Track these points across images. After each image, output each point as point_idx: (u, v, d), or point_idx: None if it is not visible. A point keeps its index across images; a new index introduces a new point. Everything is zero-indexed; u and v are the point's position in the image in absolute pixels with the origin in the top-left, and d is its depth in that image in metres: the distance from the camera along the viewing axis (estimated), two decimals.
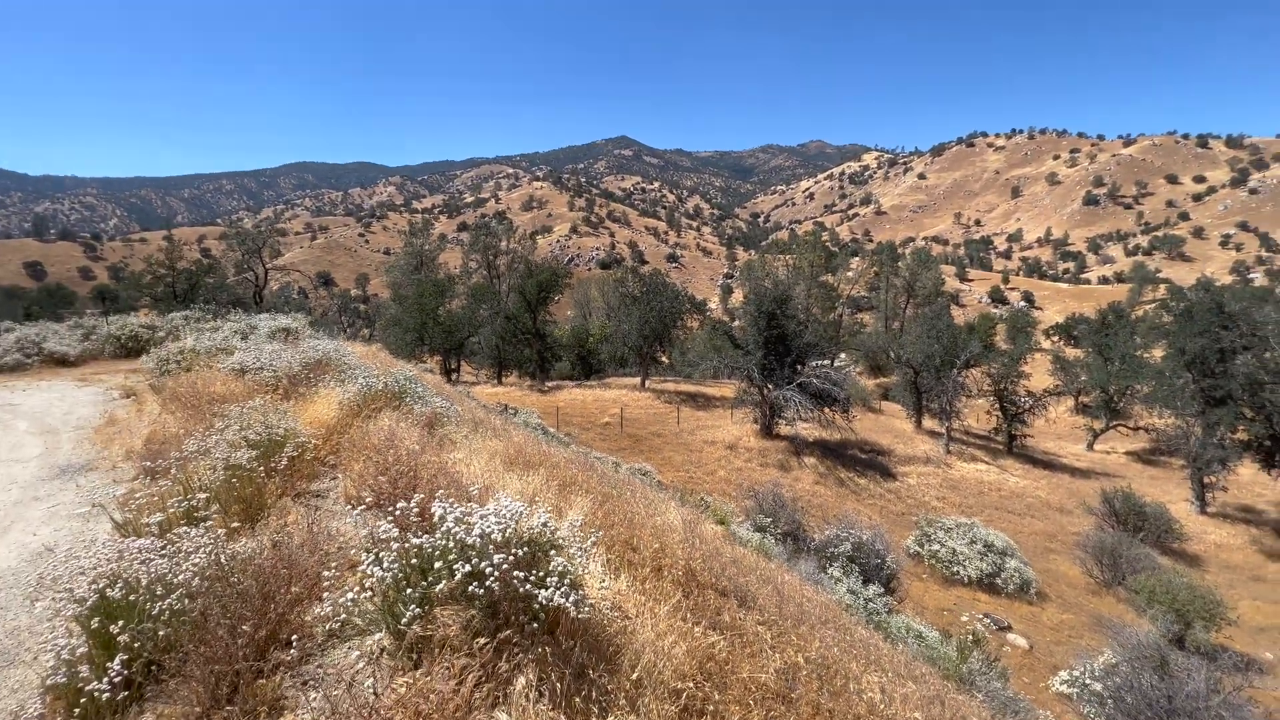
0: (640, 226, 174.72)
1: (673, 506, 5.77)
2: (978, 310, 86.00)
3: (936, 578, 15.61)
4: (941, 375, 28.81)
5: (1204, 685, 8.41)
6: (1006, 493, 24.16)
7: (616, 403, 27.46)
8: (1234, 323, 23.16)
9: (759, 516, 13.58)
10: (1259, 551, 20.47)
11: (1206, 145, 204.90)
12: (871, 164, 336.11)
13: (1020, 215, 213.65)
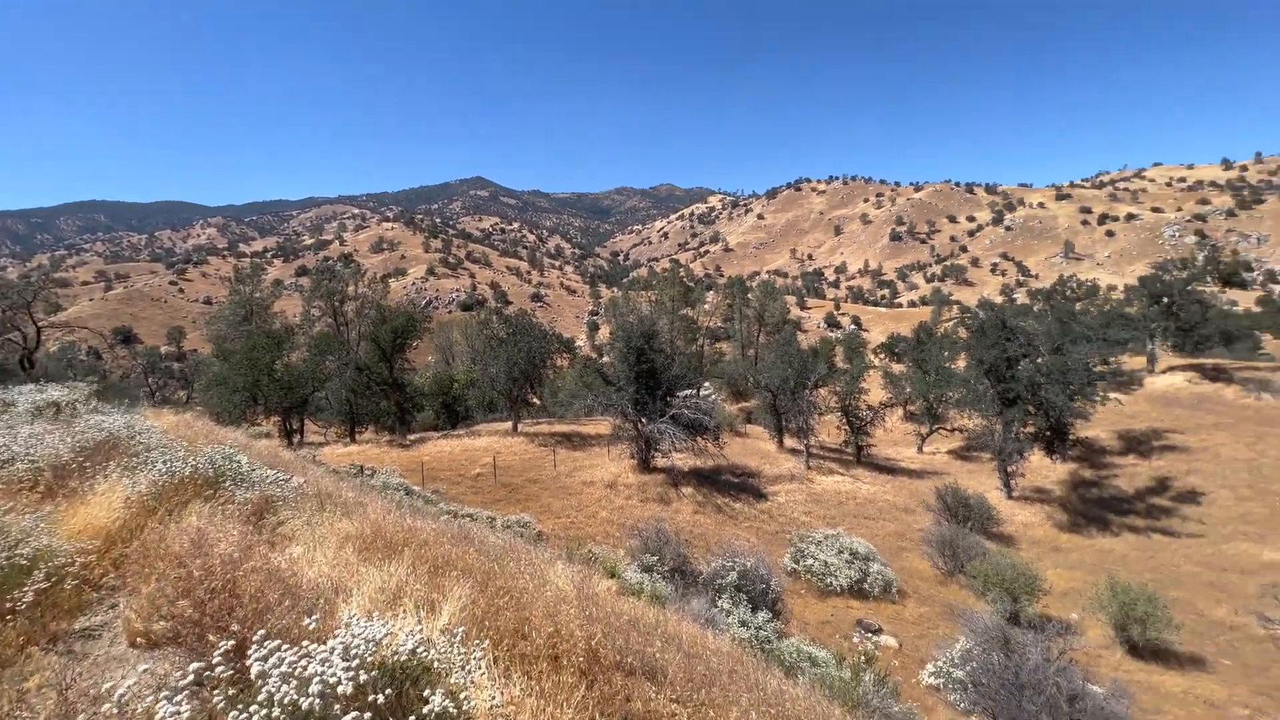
0: (502, 267, 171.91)
1: (560, 568, 5.28)
2: (818, 335, 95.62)
3: (813, 591, 16.40)
4: (796, 396, 31.16)
5: (1040, 657, 9.53)
6: (861, 500, 26.43)
7: (488, 451, 26.00)
8: (1015, 335, 27.90)
9: (645, 556, 13.34)
10: (1054, 526, 24.32)
11: (972, 191, 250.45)
12: (716, 205, 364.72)
13: (843, 250, 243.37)
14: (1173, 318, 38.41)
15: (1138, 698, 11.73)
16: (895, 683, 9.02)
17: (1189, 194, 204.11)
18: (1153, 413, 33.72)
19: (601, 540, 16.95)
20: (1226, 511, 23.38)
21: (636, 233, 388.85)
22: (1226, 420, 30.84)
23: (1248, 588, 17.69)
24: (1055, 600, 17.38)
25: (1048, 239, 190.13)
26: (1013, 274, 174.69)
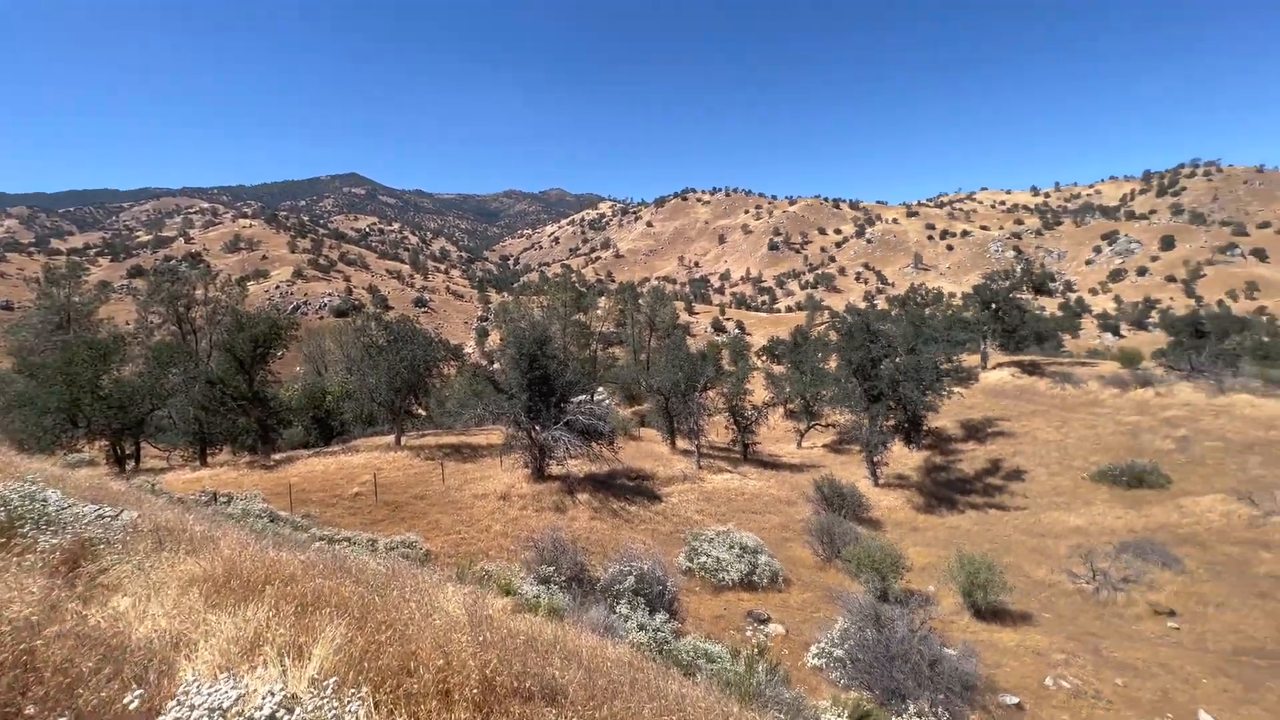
0: (381, 269, 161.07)
1: (451, 590, 4.98)
2: (705, 339, 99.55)
3: (707, 587, 16.93)
4: (687, 398, 32.16)
5: (906, 629, 10.52)
6: (748, 496, 27.78)
7: (367, 468, 24.13)
8: (877, 338, 30.82)
9: (541, 568, 13.03)
10: (912, 508, 27.10)
11: (838, 206, 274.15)
12: (607, 212, 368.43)
13: (727, 258, 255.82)
14: (999, 321, 44.55)
15: (983, 655, 13.35)
16: (785, 670, 9.55)
17: (1007, 215, 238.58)
18: (986, 403, 38.75)
19: (495, 555, 16.34)
20: (1042, 486, 27.41)
21: (527, 237, 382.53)
22: (1041, 408, 36.22)
23: (1060, 550, 20.84)
24: (916, 575, 19.34)
25: (901, 251, 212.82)
26: (873, 282, 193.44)
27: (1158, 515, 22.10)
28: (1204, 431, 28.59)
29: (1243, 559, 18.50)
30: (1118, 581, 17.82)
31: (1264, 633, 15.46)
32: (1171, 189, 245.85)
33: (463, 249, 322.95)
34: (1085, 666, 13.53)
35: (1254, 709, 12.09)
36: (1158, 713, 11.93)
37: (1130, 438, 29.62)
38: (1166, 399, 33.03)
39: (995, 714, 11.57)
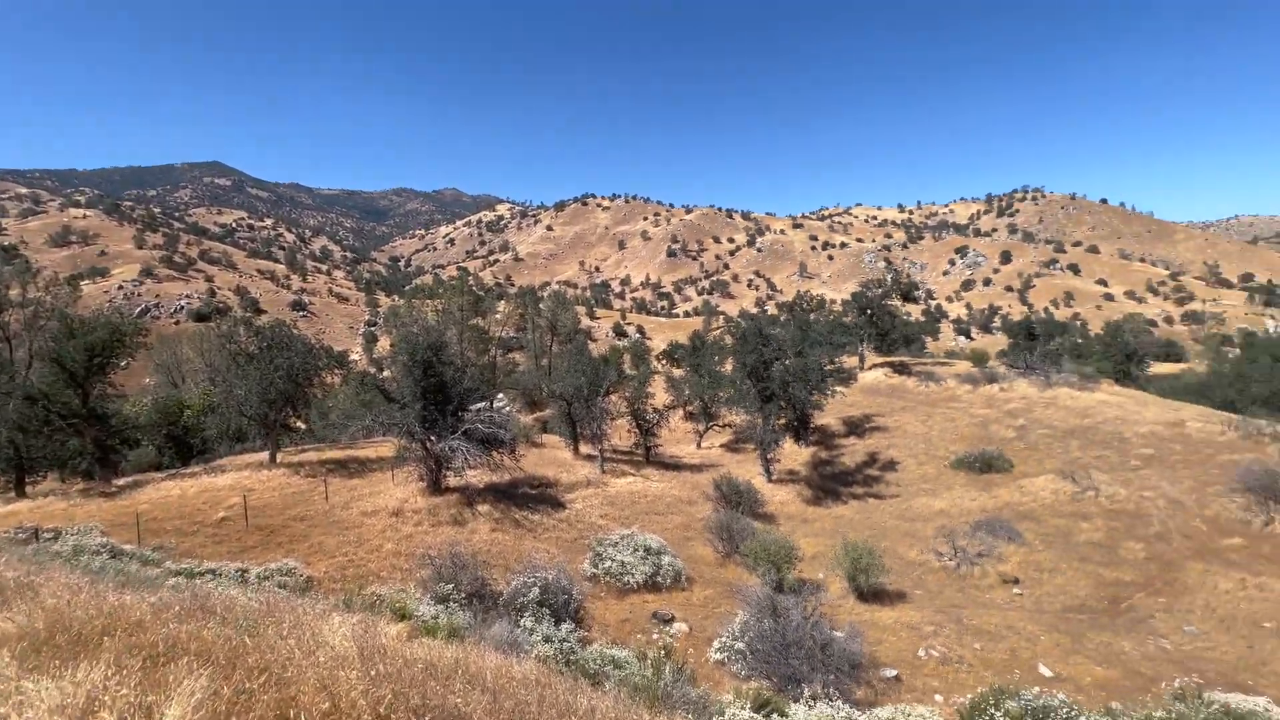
0: (251, 269, 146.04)
1: (337, 620, 4.57)
2: (607, 343, 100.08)
3: (612, 591, 16.94)
4: (590, 403, 32.09)
5: (800, 617, 11.16)
6: (651, 498, 28.20)
7: (236, 489, 21.70)
8: (769, 341, 32.57)
9: (440, 586, 12.37)
10: (803, 501, 28.86)
11: (731, 217, 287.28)
12: (506, 214, 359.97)
13: (627, 263, 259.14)
14: (874, 326, 48.80)
15: (866, 634, 14.46)
16: (690, 668, 9.77)
17: (879, 229, 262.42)
18: (864, 401, 42.22)
19: (388, 576, 15.30)
20: (912, 474, 30.30)
21: (420, 237, 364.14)
22: (910, 404, 40.06)
23: (928, 531, 23.13)
24: (807, 564, 20.59)
25: (788, 260, 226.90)
26: (764, 289, 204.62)
27: (1003, 495, 25.19)
28: (1037, 420, 33.03)
29: (1068, 529, 21.56)
30: (974, 557, 20.07)
31: (1085, 591, 18.10)
32: (1008, 211, 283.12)
33: (347, 249, 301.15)
34: (950, 636, 15.08)
35: (1078, 658, 14.09)
36: (1008, 670, 13.55)
37: (981, 428, 33.54)
38: (1008, 393, 37.81)
39: (878, 687, 12.57)
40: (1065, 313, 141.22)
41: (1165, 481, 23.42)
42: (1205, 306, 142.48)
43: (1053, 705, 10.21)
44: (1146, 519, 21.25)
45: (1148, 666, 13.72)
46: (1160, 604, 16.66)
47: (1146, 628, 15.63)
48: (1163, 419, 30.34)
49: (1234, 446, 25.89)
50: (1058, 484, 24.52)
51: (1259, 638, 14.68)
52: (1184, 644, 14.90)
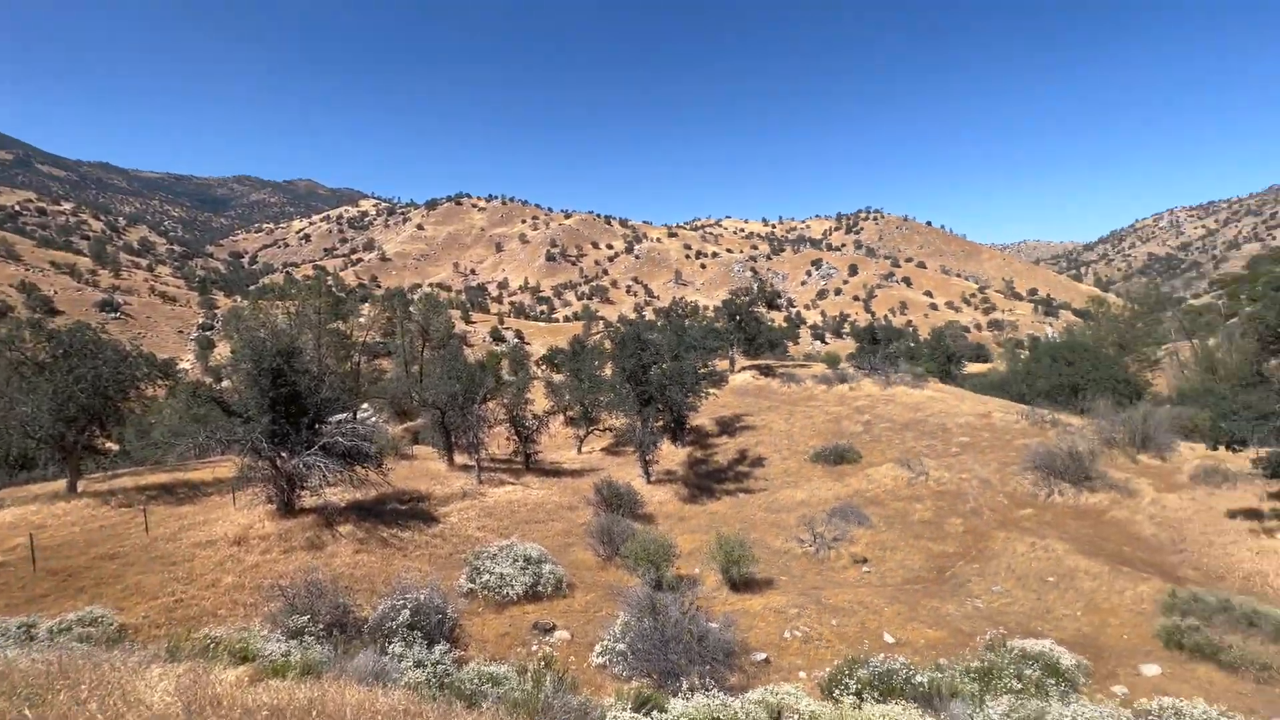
0: (42, 262, 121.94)
1: (157, 672, 3.97)
2: (484, 348, 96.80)
3: (491, 605, 16.36)
4: (465, 411, 30.80)
5: (678, 613, 11.55)
6: (531, 505, 27.67)
7: (18, 527, 17.96)
8: (647, 346, 33.43)
9: (292, 619, 11.14)
10: (680, 500, 29.91)
11: (610, 223, 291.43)
12: (371, 210, 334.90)
13: (505, 266, 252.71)
14: (742, 331, 52.04)
15: (739, 622, 15.33)
16: (572, 676, 9.71)
17: (746, 241, 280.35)
18: (734, 402, 44.80)
19: (228, 614, 13.51)
20: (777, 469, 32.66)
21: (268, 232, 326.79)
22: (774, 403, 43.19)
23: (791, 521, 25.05)
24: (685, 561, 21.37)
25: (664, 267, 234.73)
26: (642, 295, 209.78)
27: (854, 484, 28.01)
28: (880, 416, 37.17)
29: (905, 511, 24.48)
30: (830, 541, 22.08)
31: (919, 564, 20.64)
32: (854, 229, 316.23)
33: (176, 241, 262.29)
34: (811, 616, 16.44)
35: (915, 623, 16.04)
36: (859, 641, 15.06)
37: (835, 424, 37.04)
38: (856, 392, 42.15)
39: (749, 671, 13.36)
40: (901, 320, 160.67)
41: (977, 464, 27.43)
42: (1003, 315, 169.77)
43: (895, 668, 11.53)
44: (964, 497, 24.74)
45: (967, 624, 15.96)
46: (975, 569, 19.46)
47: (965, 591, 18.18)
48: (975, 411, 35.52)
49: (1026, 432, 31.01)
50: (897, 471, 27.73)
51: (1044, 590, 17.70)
52: (993, 601, 17.54)
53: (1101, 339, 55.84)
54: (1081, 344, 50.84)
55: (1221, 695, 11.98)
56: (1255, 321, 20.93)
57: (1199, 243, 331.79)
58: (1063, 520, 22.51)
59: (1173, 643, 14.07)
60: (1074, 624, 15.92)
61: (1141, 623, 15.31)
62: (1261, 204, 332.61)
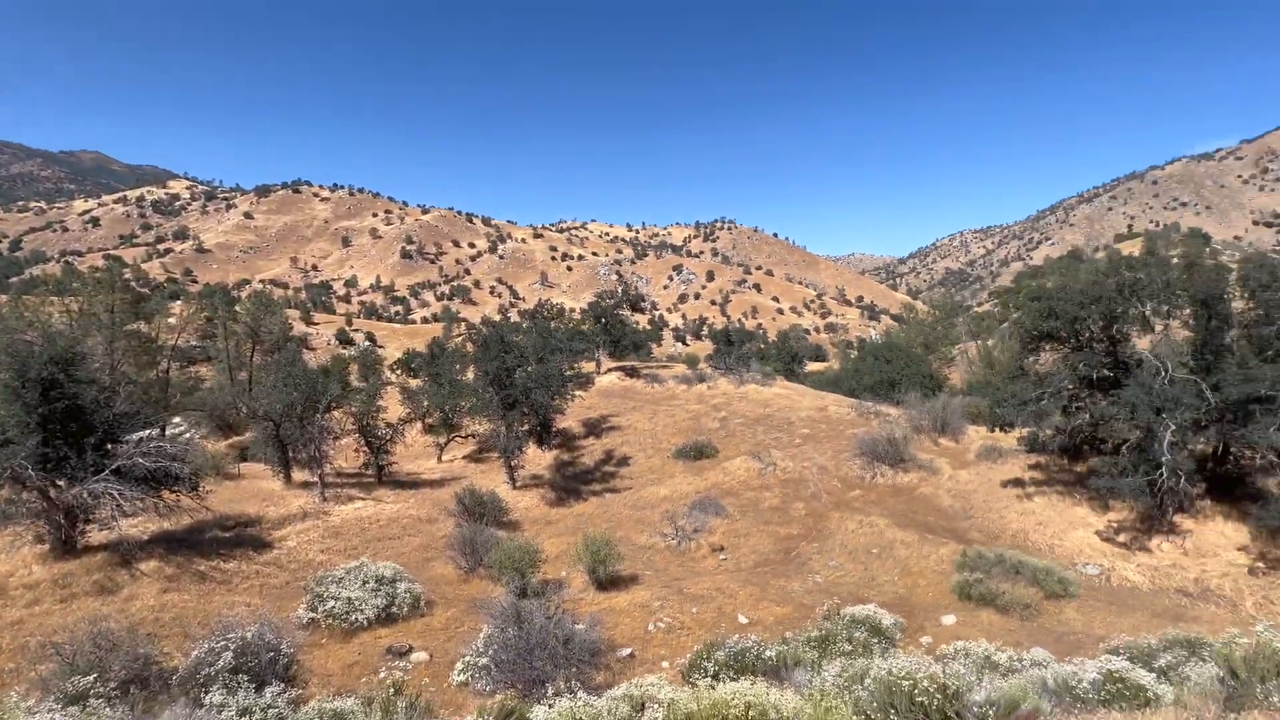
0: None
1: None
2: (328, 352, 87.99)
3: (337, 634, 14.92)
4: (306, 422, 27.78)
5: (543, 618, 11.42)
6: (385, 521, 25.69)
7: None
8: (511, 348, 32.62)
9: (73, 681, 9.22)
10: (546, 504, 29.59)
11: (472, 221, 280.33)
12: (184, 193, 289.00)
13: (353, 263, 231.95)
14: (608, 333, 52.89)
15: (605, 621, 15.53)
16: (428, 699, 9.16)
17: (611, 245, 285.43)
18: (601, 403, 45.37)
19: None
20: (642, 467, 33.65)
21: (38, 212, 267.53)
22: (639, 404, 44.43)
23: (655, 517, 25.93)
24: (551, 565, 21.18)
25: (530, 269, 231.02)
26: (507, 296, 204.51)
27: (712, 477, 29.72)
28: (735, 412, 39.85)
29: (756, 500, 26.50)
30: (690, 533, 23.22)
31: (768, 548, 22.46)
32: (711, 237, 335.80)
33: None
34: (674, 606, 17.15)
35: (765, 603, 17.43)
36: (716, 625, 16.00)
37: (694, 421, 39.02)
38: (714, 390, 44.79)
39: (615, 668, 13.60)
40: (753, 323, 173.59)
41: (817, 453, 30.50)
42: (837, 319, 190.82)
43: (747, 647, 12.42)
44: (806, 483, 27.38)
45: (809, 598, 17.67)
46: (815, 548, 21.62)
47: (807, 568, 20.12)
48: (814, 406, 39.46)
49: (855, 423, 35.10)
50: (749, 463, 29.90)
51: (870, 561, 20.18)
52: (830, 575, 19.61)
53: (912, 340, 65.05)
54: (897, 345, 58.84)
55: (998, 633, 14.53)
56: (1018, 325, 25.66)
57: (981, 260, 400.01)
58: (884, 498, 25.81)
59: (964, 595, 16.76)
60: (893, 588, 18.32)
61: (942, 581, 18.04)
62: (1023, 230, 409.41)
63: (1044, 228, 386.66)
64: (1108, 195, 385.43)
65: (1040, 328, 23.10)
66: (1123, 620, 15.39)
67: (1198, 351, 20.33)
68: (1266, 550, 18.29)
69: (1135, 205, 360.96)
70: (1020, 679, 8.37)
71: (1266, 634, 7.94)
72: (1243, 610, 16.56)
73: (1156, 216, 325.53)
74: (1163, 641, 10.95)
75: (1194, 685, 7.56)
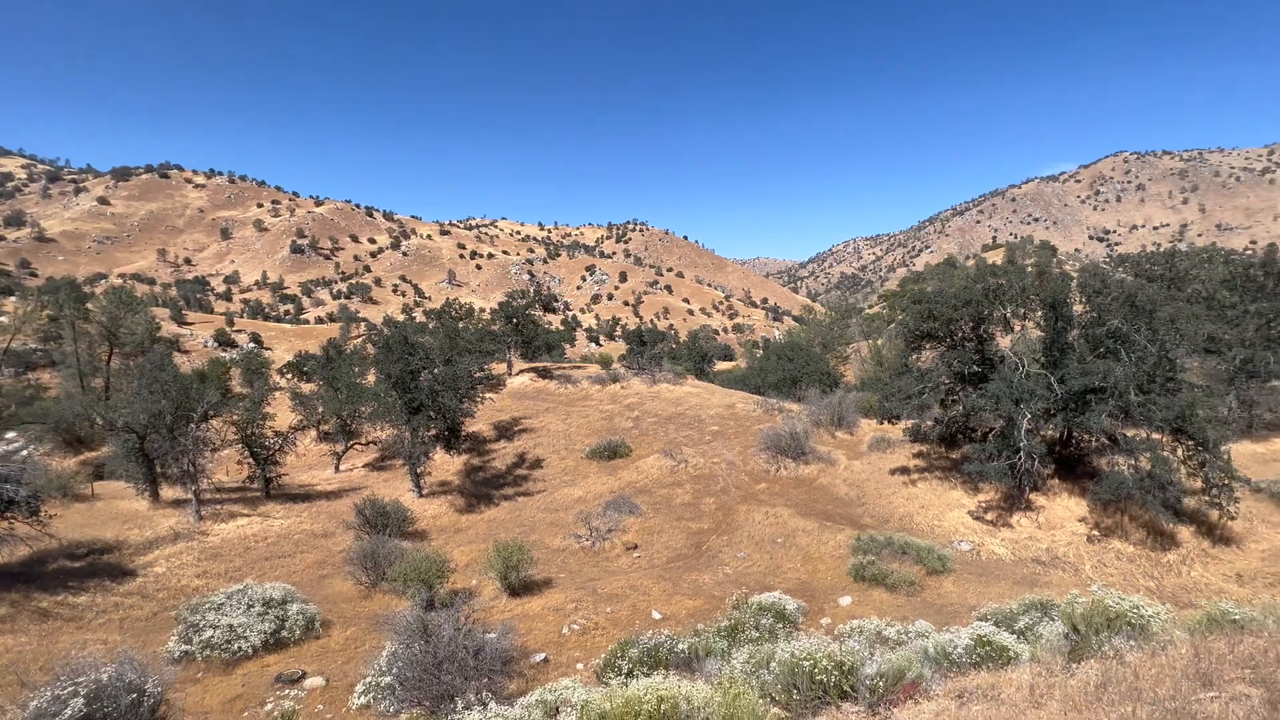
0: None
1: None
2: (205, 355, 79.63)
3: (217, 667, 13.52)
4: (177, 434, 24.96)
5: (452, 630, 10.99)
6: (273, 538, 23.64)
7: None
8: (415, 349, 31.11)
9: None
10: (455, 511, 28.51)
11: (372, 215, 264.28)
12: (18, 173, 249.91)
13: (235, 257, 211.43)
14: (519, 333, 51.78)
15: (517, 627, 15.19)
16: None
17: (523, 244, 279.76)
18: (512, 405, 44.38)
19: None
20: (556, 469, 33.28)
21: None
22: (552, 405, 43.92)
23: (569, 518, 25.74)
24: (461, 574, 20.43)
25: (436, 267, 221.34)
26: (411, 295, 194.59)
27: (626, 476, 29.95)
28: (647, 411, 40.40)
29: (669, 497, 27.03)
30: (605, 533, 23.26)
31: (681, 543, 22.97)
32: (623, 238, 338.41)
33: None
34: (589, 607, 17.11)
35: (678, 597, 17.81)
36: (631, 623, 16.15)
37: (608, 421, 39.14)
38: (627, 390, 45.16)
39: (528, 675, 13.34)
40: (664, 323, 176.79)
41: (725, 449, 31.59)
42: (744, 320, 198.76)
43: (661, 641, 12.63)
44: (715, 478, 28.28)
45: (719, 590, 18.26)
46: (724, 541, 22.38)
47: (718, 561, 20.78)
48: (723, 403, 40.84)
49: (761, 419, 36.72)
50: (662, 461, 30.43)
51: (775, 550, 21.19)
52: (739, 566, 20.38)
53: (811, 340, 69.07)
54: (798, 344, 62.21)
55: (889, 610, 15.76)
56: (902, 326, 27.97)
57: (872, 265, 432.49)
58: (788, 490, 27.20)
59: (859, 577, 18.03)
60: (796, 574, 19.35)
61: (840, 565, 19.30)
62: (907, 238, 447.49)
63: (925, 236, 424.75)
64: (976, 209, 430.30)
65: (921, 328, 25.33)
66: (990, 589, 17.21)
67: (1047, 349, 23.15)
68: (1100, 520, 21.17)
69: (999, 219, 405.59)
70: (906, 650, 9.13)
71: (1100, 593, 9.17)
72: (1083, 573, 19.05)
73: (1015, 229, 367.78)
74: (1021, 606, 12.36)
75: (1045, 642, 8.60)
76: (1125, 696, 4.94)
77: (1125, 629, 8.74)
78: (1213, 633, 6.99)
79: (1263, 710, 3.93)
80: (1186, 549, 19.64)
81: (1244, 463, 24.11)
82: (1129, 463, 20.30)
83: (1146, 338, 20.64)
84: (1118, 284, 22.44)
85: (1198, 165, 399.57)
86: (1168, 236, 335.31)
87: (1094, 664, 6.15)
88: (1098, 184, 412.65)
